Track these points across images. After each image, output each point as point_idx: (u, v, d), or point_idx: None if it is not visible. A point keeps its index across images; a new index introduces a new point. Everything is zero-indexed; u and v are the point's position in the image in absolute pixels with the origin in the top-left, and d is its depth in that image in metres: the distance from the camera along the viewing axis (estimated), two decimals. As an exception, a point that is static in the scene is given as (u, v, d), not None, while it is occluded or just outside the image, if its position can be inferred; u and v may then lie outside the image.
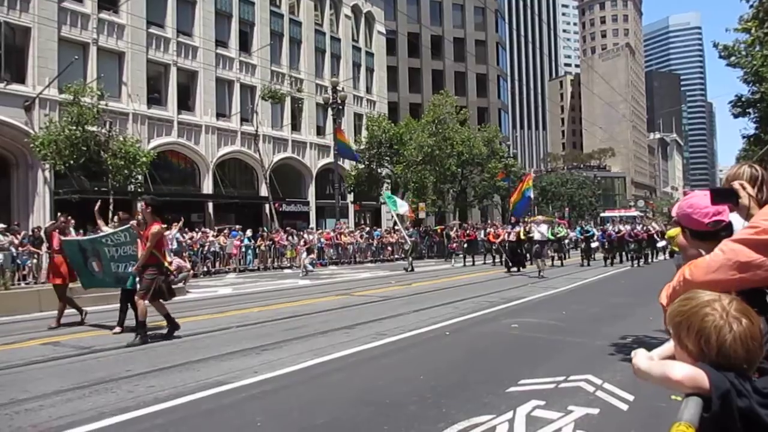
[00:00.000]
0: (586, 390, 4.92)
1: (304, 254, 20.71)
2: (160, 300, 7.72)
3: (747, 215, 1.85)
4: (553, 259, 23.18)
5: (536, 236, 18.22)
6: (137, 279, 7.78)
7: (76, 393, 5.07)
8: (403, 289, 14.64)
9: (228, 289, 15.44)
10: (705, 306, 1.37)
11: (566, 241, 26.29)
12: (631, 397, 4.62)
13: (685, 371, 1.33)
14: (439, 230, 33.06)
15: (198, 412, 4.53)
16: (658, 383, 1.40)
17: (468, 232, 27.10)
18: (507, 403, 4.55)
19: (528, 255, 20.30)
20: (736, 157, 49.09)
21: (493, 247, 23.73)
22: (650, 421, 4.16)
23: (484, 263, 24.59)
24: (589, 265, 22.68)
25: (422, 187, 35.65)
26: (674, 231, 17.69)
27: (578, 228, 26.88)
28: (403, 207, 25.70)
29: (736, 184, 1.87)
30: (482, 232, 27.66)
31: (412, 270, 20.72)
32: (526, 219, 23.05)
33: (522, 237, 19.31)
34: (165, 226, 8.23)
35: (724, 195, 1.88)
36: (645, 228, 26.03)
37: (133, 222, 8.40)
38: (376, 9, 44.13)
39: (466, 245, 25.60)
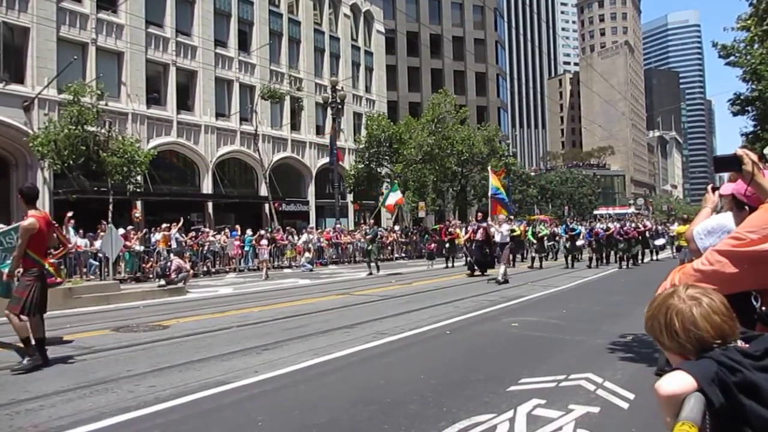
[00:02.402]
0: (586, 389, 4.93)
1: (266, 254, 20.21)
2: (40, 315, 6.15)
3: (751, 182, 1.87)
4: (540, 260, 22.26)
5: (497, 237, 16.40)
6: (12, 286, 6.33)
7: (77, 393, 5.07)
8: (403, 288, 14.64)
9: (228, 289, 15.45)
10: (665, 300, 1.44)
11: (554, 240, 24.27)
12: (631, 396, 4.63)
13: (669, 384, 1.27)
14: (439, 228, 33.04)
15: (199, 412, 4.53)
16: (666, 409, 1.29)
17: (450, 230, 24.25)
18: (508, 401, 4.55)
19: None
20: (736, 154, 49.09)
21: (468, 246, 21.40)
22: (651, 420, 4.14)
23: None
24: (573, 266, 20.92)
25: (422, 186, 35.67)
26: (682, 227, 17.52)
27: (563, 225, 25.44)
28: (392, 198, 23.68)
29: (739, 151, 1.89)
30: (464, 229, 24.59)
31: (377, 271, 19.09)
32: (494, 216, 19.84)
33: (491, 235, 17.23)
34: (39, 215, 6.24)
35: (727, 162, 1.89)
36: (636, 225, 24.14)
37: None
38: (375, 8, 44.11)
39: (447, 245, 23.52)
